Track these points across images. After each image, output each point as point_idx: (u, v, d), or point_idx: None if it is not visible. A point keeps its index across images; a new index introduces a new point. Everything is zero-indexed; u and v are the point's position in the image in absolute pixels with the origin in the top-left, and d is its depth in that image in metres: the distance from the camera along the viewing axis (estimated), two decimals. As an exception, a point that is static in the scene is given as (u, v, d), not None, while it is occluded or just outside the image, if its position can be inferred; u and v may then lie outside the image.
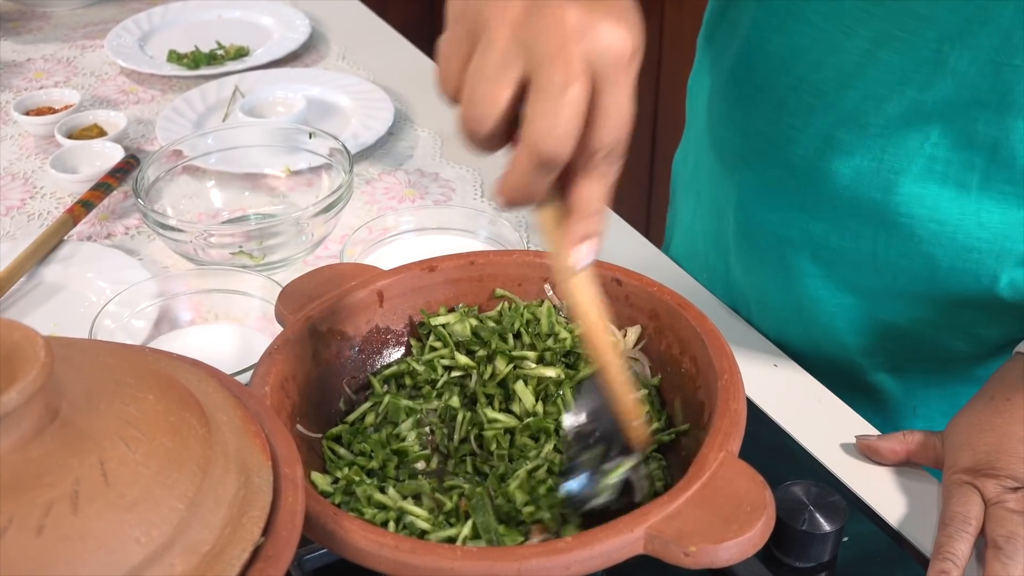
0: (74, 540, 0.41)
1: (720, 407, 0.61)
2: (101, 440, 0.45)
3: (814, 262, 0.89)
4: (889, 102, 0.78)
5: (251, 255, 0.98)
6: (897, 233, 0.83)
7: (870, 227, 0.84)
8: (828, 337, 0.92)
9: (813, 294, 0.90)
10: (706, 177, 1.01)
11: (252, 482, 0.48)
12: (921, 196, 0.80)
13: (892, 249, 0.84)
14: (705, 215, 1.03)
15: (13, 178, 1.19)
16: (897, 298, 0.87)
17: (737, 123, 0.91)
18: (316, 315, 0.71)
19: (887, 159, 0.80)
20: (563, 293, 0.62)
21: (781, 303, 0.94)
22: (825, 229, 0.87)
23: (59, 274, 1.00)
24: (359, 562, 0.54)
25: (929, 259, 0.83)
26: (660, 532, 0.53)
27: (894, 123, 0.79)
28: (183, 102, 1.29)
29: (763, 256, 0.93)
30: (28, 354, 0.44)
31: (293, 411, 0.66)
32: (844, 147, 0.82)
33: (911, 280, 0.85)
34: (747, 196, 0.92)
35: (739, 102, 0.90)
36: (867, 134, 0.80)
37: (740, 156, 0.91)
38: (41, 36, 1.53)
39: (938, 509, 0.73)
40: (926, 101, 0.76)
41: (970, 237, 0.81)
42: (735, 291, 1.00)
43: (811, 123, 0.83)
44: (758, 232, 0.92)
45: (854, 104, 0.80)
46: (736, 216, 0.94)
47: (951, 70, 0.74)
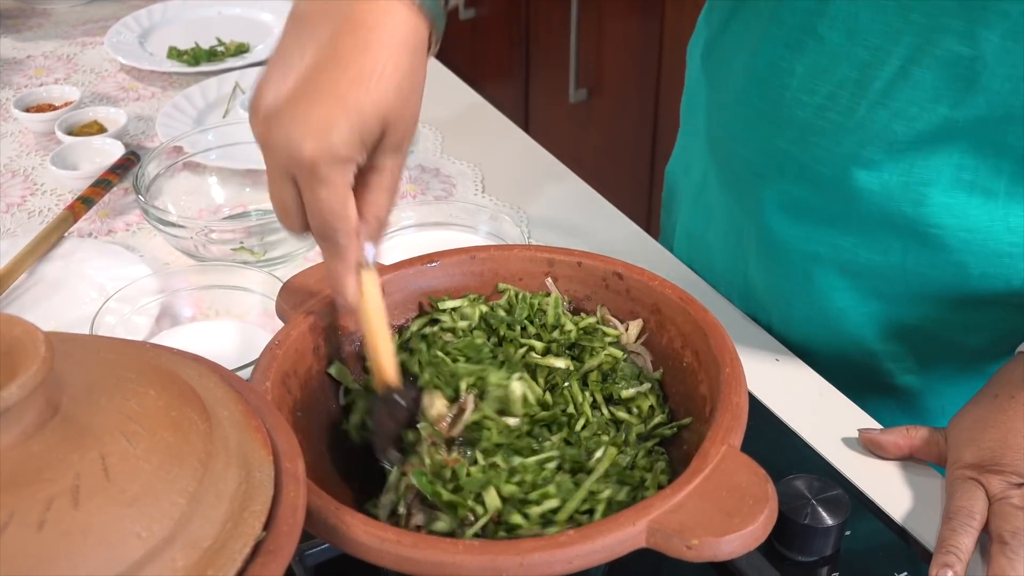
0: (75, 535, 0.41)
1: (722, 401, 0.61)
2: (102, 435, 0.45)
3: (842, 275, 0.88)
4: (920, 120, 0.76)
5: (252, 251, 0.98)
6: (928, 244, 0.82)
7: (900, 240, 0.83)
8: (855, 345, 0.91)
9: (840, 305, 0.89)
10: (718, 193, 0.98)
11: (253, 477, 0.48)
12: (950, 206, 0.79)
13: (922, 260, 0.83)
14: (721, 231, 1.00)
15: (13, 175, 1.18)
16: (923, 302, 0.86)
17: (754, 142, 0.88)
18: (317, 311, 0.70)
19: (916, 172, 0.79)
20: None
21: (806, 315, 0.92)
22: (853, 243, 0.85)
23: (60, 271, 1.00)
24: (361, 557, 0.54)
25: (960, 267, 0.82)
26: (662, 525, 0.53)
27: (925, 139, 0.77)
28: (183, 98, 1.29)
29: (787, 271, 0.91)
30: (29, 349, 0.44)
31: (294, 406, 0.66)
32: (873, 165, 0.80)
33: (940, 287, 0.84)
34: (770, 213, 0.89)
35: (756, 121, 0.87)
36: (896, 151, 0.79)
37: (759, 174, 0.89)
38: (41, 33, 1.53)
39: (941, 503, 0.73)
40: (958, 119, 0.75)
41: (1000, 242, 0.80)
42: (755, 303, 0.98)
43: (839, 142, 0.81)
44: (782, 248, 0.90)
45: (883, 123, 0.78)
46: (759, 233, 0.92)
47: (983, 87, 0.73)
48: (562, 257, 0.75)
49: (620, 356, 0.71)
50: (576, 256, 0.75)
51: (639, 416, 0.69)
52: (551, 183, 1.16)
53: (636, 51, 2.26)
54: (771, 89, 0.84)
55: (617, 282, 0.74)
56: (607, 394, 0.70)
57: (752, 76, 0.86)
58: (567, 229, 1.08)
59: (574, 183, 1.17)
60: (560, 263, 0.75)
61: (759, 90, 0.86)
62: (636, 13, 2.23)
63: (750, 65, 0.86)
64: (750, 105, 0.87)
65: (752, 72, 0.86)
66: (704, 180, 1.02)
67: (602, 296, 0.75)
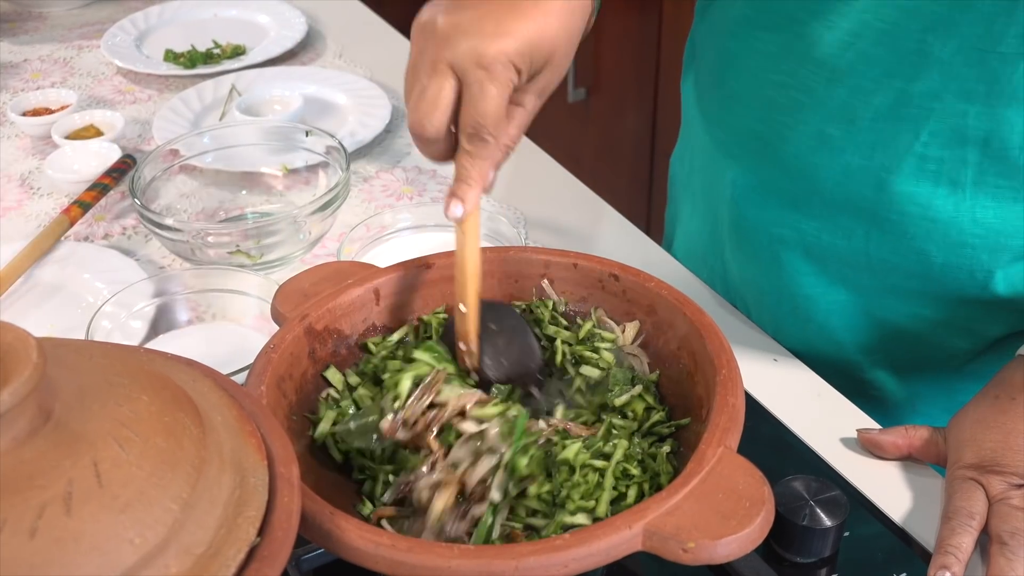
0: (68, 542, 0.41)
1: (718, 402, 0.61)
2: (94, 441, 0.44)
3: (807, 259, 0.89)
4: (876, 95, 0.78)
5: (248, 254, 0.98)
6: (889, 230, 0.83)
7: (862, 224, 0.84)
8: (824, 335, 0.92)
9: (807, 292, 0.90)
10: (700, 176, 1.01)
11: (247, 482, 0.48)
12: (913, 195, 0.80)
13: (884, 246, 0.84)
14: (701, 214, 1.02)
15: (10, 179, 1.18)
16: (891, 295, 0.87)
17: (727, 122, 0.91)
18: (313, 314, 0.70)
19: (877, 156, 0.80)
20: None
21: (776, 301, 0.93)
22: (817, 227, 0.86)
23: (56, 275, 1.00)
24: (356, 561, 0.54)
25: (922, 255, 0.82)
26: (658, 528, 0.53)
27: (883, 116, 0.78)
28: (180, 101, 1.29)
29: (757, 254, 0.93)
30: (20, 355, 0.44)
31: (289, 410, 0.66)
32: (834, 144, 0.81)
33: (905, 277, 0.84)
34: (740, 194, 0.91)
35: (729, 101, 0.90)
36: (857, 129, 0.80)
37: (731, 155, 0.91)
38: (37, 36, 1.53)
39: (940, 504, 0.73)
40: (913, 93, 0.76)
41: (963, 233, 0.80)
42: (732, 289, 0.99)
43: (801, 120, 0.82)
44: (751, 230, 0.92)
45: (842, 99, 0.79)
46: (730, 214, 0.94)
47: (936, 60, 0.74)
48: (558, 259, 0.75)
49: (611, 362, 0.71)
50: (572, 257, 0.75)
51: (634, 419, 0.69)
52: (549, 184, 1.16)
53: (634, 50, 2.26)
54: (743, 69, 0.87)
55: (613, 283, 0.74)
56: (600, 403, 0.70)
57: (726, 57, 0.89)
58: (565, 230, 1.08)
59: (572, 184, 1.16)
60: (556, 265, 0.75)
61: (733, 71, 0.88)
62: (634, 11, 2.23)
63: (724, 47, 0.89)
64: (725, 86, 0.90)
65: (726, 53, 0.89)
66: (692, 166, 1.04)
67: (598, 298, 0.75)
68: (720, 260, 1.00)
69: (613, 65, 2.34)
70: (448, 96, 0.65)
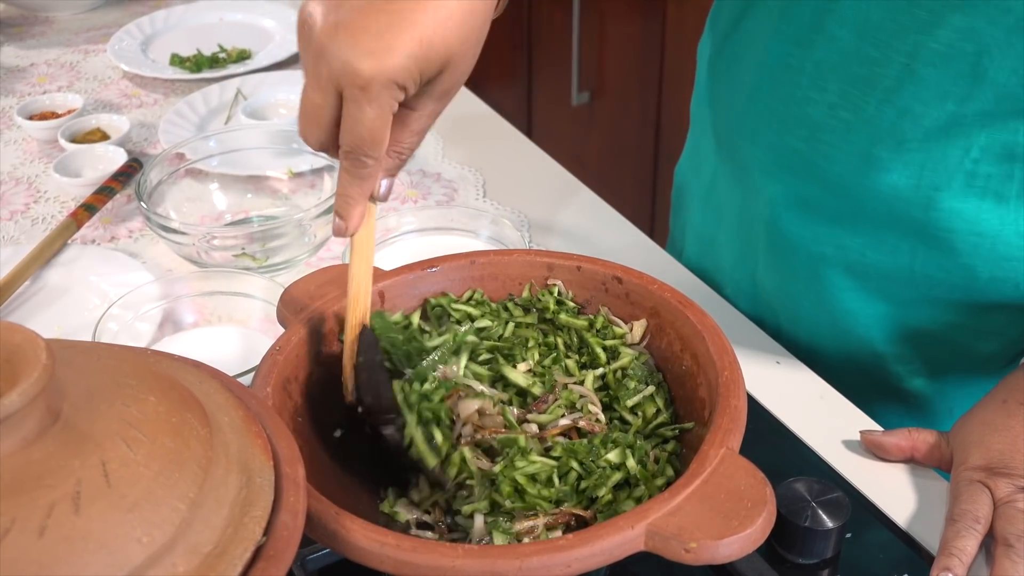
0: (76, 541, 0.41)
1: (721, 404, 0.61)
2: (102, 441, 0.45)
3: (848, 276, 0.88)
4: (927, 117, 0.77)
5: (254, 257, 0.98)
6: (936, 247, 0.82)
7: (907, 241, 0.83)
8: (862, 347, 0.91)
9: (847, 306, 0.89)
10: (727, 192, 0.99)
11: (254, 482, 0.48)
12: (961, 211, 0.79)
13: (930, 263, 0.83)
14: (731, 230, 1.00)
15: (17, 182, 1.19)
16: (932, 305, 0.86)
17: (764, 140, 0.88)
18: (318, 316, 0.71)
19: (926, 175, 0.79)
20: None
21: (814, 316, 0.92)
22: (861, 244, 0.85)
23: (63, 277, 1.00)
24: (361, 561, 0.54)
25: (968, 271, 0.82)
26: (661, 528, 0.53)
27: (933, 138, 0.77)
28: (185, 105, 1.30)
29: (795, 271, 0.91)
30: (29, 356, 0.44)
31: (295, 412, 0.67)
32: (882, 164, 0.80)
33: (948, 290, 0.84)
34: (779, 212, 0.90)
35: (767, 118, 0.87)
36: (905, 150, 0.79)
37: (768, 172, 0.89)
38: (44, 41, 1.54)
39: (943, 506, 0.73)
40: (966, 115, 0.75)
41: (1009, 246, 0.80)
42: (762, 304, 0.98)
43: (848, 140, 0.81)
44: (790, 247, 0.91)
45: (891, 120, 0.78)
46: (768, 232, 0.92)
47: (991, 82, 0.73)
48: (561, 261, 0.76)
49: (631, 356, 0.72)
50: (575, 260, 0.76)
51: (644, 420, 0.69)
52: (552, 187, 1.16)
53: (638, 53, 2.27)
54: (782, 87, 0.84)
55: (616, 286, 0.74)
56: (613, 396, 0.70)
57: (763, 74, 0.87)
58: (569, 233, 1.08)
59: (576, 187, 1.17)
60: (560, 267, 0.76)
61: (770, 88, 0.86)
62: (638, 15, 2.23)
63: (761, 63, 0.87)
64: (761, 103, 0.87)
65: (763, 70, 0.87)
66: (714, 180, 1.02)
67: (602, 300, 0.75)
68: (750, 277, 0.98)
69: (617, 69, 2.34)
70: (328, 113, 0.61)
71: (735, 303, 0.99)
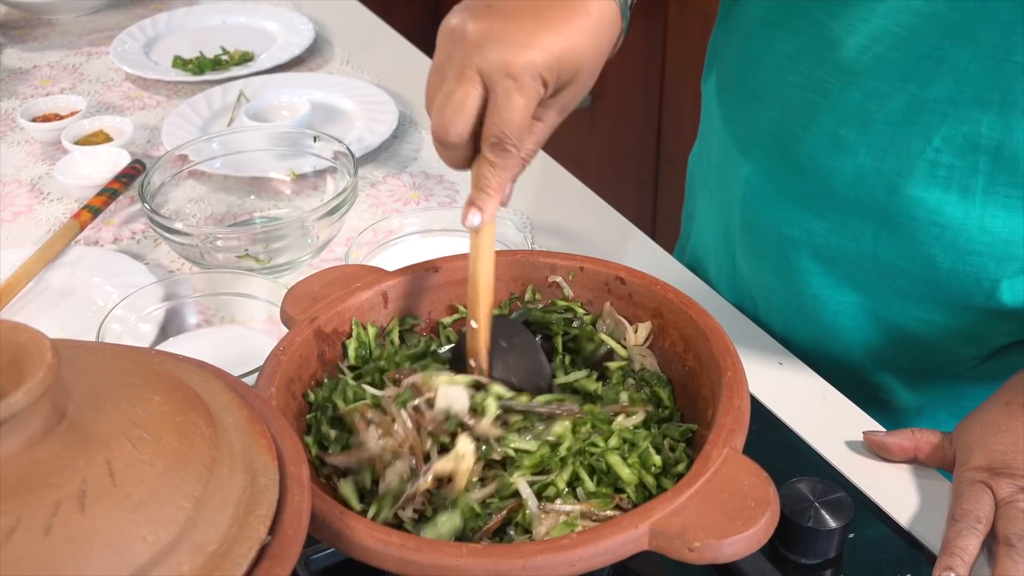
0: (81, 539, 0.41)
1: (723, 404, 0.61)
2: (108, 440, 0.45)
3: (816, 260, 0.89)
4: (891, 99, 0.78)
5: (257, 258, 0.99)
6: (898, 234, 0.83)
7: (871, 227, 0.84)
8: (831, 335, 0.92)
9: (815, 292, 0.90)
10: (716, 173, 1.01)
11: (258, 481, 0.48)
12: (923, 200, 0.80)
13: (892, 249, 0.84)
14: (716, 211, 1.03)
15: (20, 184, 1.19)
16: (899, 298, 0.87)
17: (745, 121, 0.91)
18: (321, 317, 0.71)
19: (889, 160, 0.80)
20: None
21: (785, 300, 0.94)
22: (827, 228, 0.87)
23: (66, 279, 1.00)
24: (365, 560, 0.54)
25: (929, 260, 0.83)
26: (664, 528, 0.53)
27: (897, 120, 0.78)
28: (188, 107, 1.30)
29: (767, 253, 0.93)
30: (35, 356, 0.44)
31: (299, 411, 0.67)
32: (848, 146, 0.82)
33: (912, 282, 0.85)
34: (752, 192, 0.92)
35: (747, 99, 0.90)
36: (870, 132, 0.80)
37: (747, 153, 0.92)
38: (47, 43, 1.54)
39: (945, 506, 0.73)
40: (927, 98, 0.76)
41: (971, 241, 0.80)
42: (741, 288, 1.00)
43: (817, 121, 0.83)
44: (762, 229, 0.92)
45: (857, 102, 0.80)
46: (742, 212, 0.94)
47: (951, 67, 0.74)
48: (564, 262, 0.76)
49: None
50: (578, 261, 0.76)
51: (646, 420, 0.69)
52: (554, 188, 1.17)
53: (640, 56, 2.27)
54: (761, 68, 0.87)
55: (619, 286, 0.74)
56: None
57: (747, 57, 0.89)
58: (571, 234, 1.08)
59: (578, 188, 1.17)
60: (562, 268, 0.76)
61: (752, 71, 0.88)
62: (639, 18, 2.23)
63: (746, 47, 0.89)
64: (745, 86, 0.90)
65: (746, 53, 0.89)
66: (709, 163, 1.04)
67: (605, 301, 0.75)
68: (730, 258, 1.00)
69: (619, 71, 2.34)
70: (474, 103, 0.64)
71: (717, 287, 1.01)
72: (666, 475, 0.63)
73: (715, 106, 0.99)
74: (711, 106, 1.01)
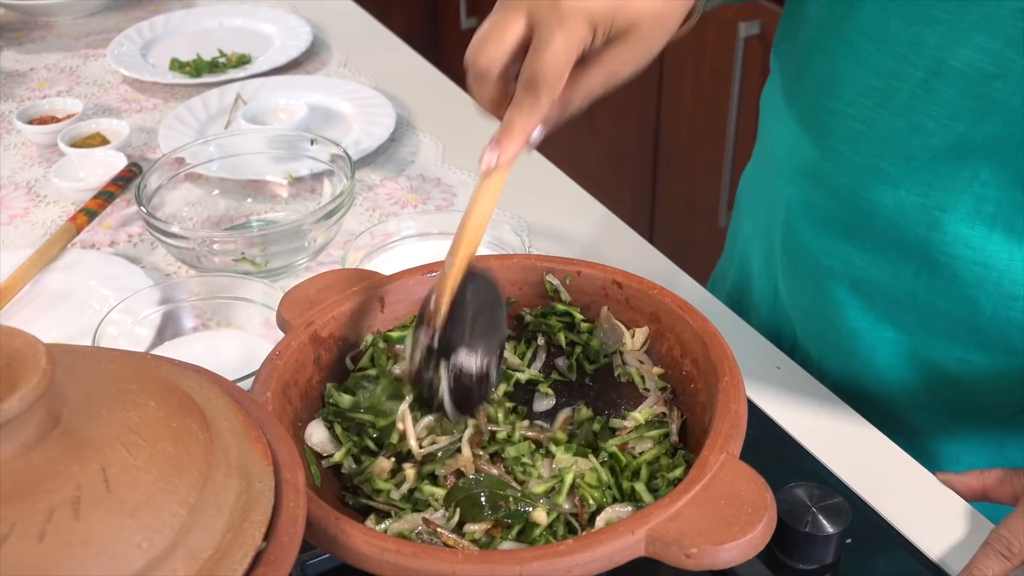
0: (76, 546, 0.41)
1: (720, 409, 0.61)
2: (102, 446, 0.45)
3: (854, 293, 0.86)
4: (937, 136, 0.75)
5: (253, 262, 0.98)
6: (939, 273, 0.79)
7: (911, 263, 0.81)
8: (868, 371, 0.88)
9: (853, 326, 0.87)
10: (764, 196, 0.97)
11: (254, 487, 0.48)
12: (967, 237, 0.76)
13: (932, 289, 0.80)
14: (761, 233, 0.99)
15: (16, 187, 1.19)
16: (940, 337, 0.83)
17: (787, 144, 0.88)
18: (318, 321, 0.71)
19: (933, 194, 0.77)
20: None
21: (821, 331, 0.91)
22: (866, 261, 0.84)
23: (62, 282, 1.00)
24: (361, 566, 0.54)
25: (971, 303, 0.79)
26: (661, 534, 0.53)
27: (942, 157, 0.75)
28: (185, 110, 1.30)
29: (805, 282, 0.90)
30: (29, 361, 0.44)
31: (295, 416, 0.67)
32: (889, 178, 0.78)
33: (952, 323, 0.81)
34: (793, 218, 0.89)
35: (791, 123, 0.86)
36: (913, 167, 0.77)
37: (787, 177, 0.88)
38: (44, 45, 1.54)
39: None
40: (975, 137, 0.73)
41: (1016, 284, 0.77)
42: (782, 314, 0.97)
43: (858, 151, 0.79)
44: (801, 257, 0.89)
45: (902, 136, 0.76)
46: (783, 237, 0.91)
47: (1002, 106, 0.71)
48: (561, 266, 0.76)
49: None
50: (575, 265, 0.76)
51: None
52: (552, 192, 1.17)
53: (637, 60, 2.27)
54: (804, 92, 0.84)
55: (616, 291, 0.74)
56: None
57: (792, 78, 0.86)
58: (568, 238, 1.08)
59: (575, 192, 1.17)
60: (559, 272, 0.76)
61: (796, 92, 0.85)
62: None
63: (792, 67, 0.86)
64: (790, 107, 0.86)
65: (792, 73, 0.86)
66: (758, 185, 1.01)
67: (602, 305, 0.75)
68: (772, 282, 0.97)
69: (616, 74, 2.34)
70: (513, 33, 0.63)
71: (760, 310, 0.98)
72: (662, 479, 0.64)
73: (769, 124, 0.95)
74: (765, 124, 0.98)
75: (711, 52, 2.05)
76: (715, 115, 2.09)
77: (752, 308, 1.00)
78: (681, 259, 1.07)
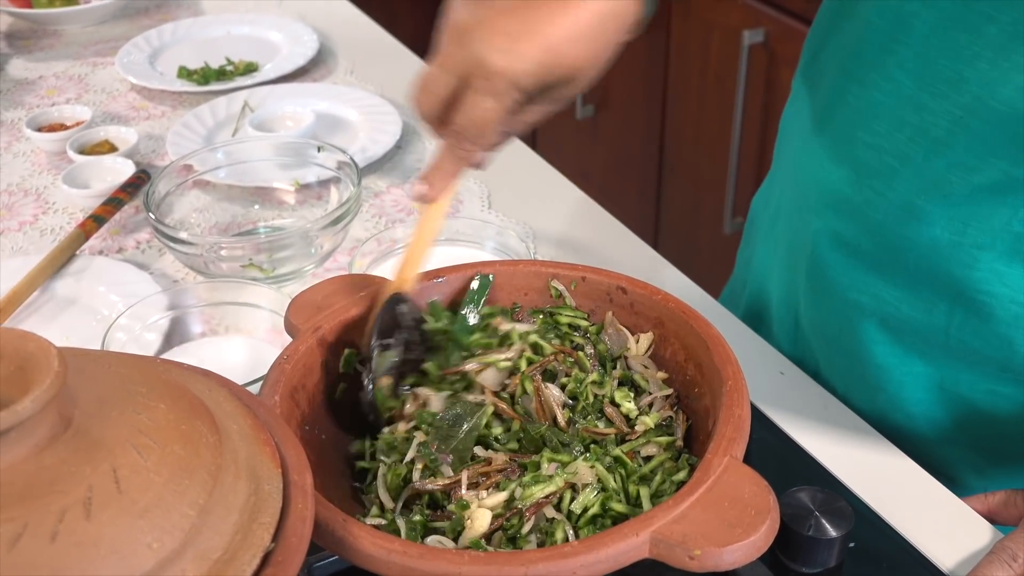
0: (87, 546, 0.42)
1: (724, 413, 0.62)
2: (113, 448, 0.45)
3: (883, 329, 0.84)
4: (978, 173, 0.72)
5: (261, 268, 0.99)
6: (974, 311, 0.77)
7: (945, 301, 0.78)
8: (894, 406, 0.86)
9: (880, 361, 0.85)
10: (785, 226, 0.95)
11: (262, 489, 0.49)
12: (1004, 275, 0.74)
13: (966, 328, 0.78)
14: (782, 263, 0.96)
15: (26, 194, 1.20)
16: (970, 374, 0.81)
17: (815, 174, 0.85)
18: (325, 326, 0.71)
19: (971, 232, 0.74)
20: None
21: (847, 365, 0.88)
22: (897, 297, 0.81)
23: (71, 288, 1.01)
24: (368, 568, 0.55)
25: (1006, 343, 0.77)
26: (665, 536, 0.54)
27: (981, 195, 0.73)
28: (193, 117, 1.31)
29: (831, 317, 0.88)
30: (42, 364, 0.45)
31: (302, 420, 0.67)
32: (925, 216, 0.76)
33: (985, 363, 0.79)
34: (821, 251, 0.86)
35: (819, 153, 0.84)
36: (951, 204, 0.74)
37: (814, 209, 0.86)
38: (52, 54, 1.55)
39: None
40: (1017, 176, 0.71)
41: None
42: (803, 345, 0.94)
43: (893, 187, 0.77)
44: (828, 289, 0.87)
45: (939, 173, 0.74)
46: (808, 269, 0.89)
47: None
48: (566, 272, 0.76)
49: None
50: (580, 271, 0.76)
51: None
52: (557, 199, 1.17)
53: (642, 66, 2.28)
54: (837, 124, 0.81)
55: (621, 296, 0.75)
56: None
57: (823, 108, 0.84)
58: (573, 244, 1.09)
59: (580, 199, 1.17)
60: (564, 278, 0.76)
61: (827, 123, 0.83)
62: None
63: (824, 97, 0.84)
64: (819, 137, 0.84)
65: (824, 104, 0.84)
66: (777, 212, 0.98)
67: (607, 310, 0.76)
68: (793, 314, 0.95)
69: (621, 82, 2.35)
70: (445, 89, 0.65)
71: (779, 340, 0.97)
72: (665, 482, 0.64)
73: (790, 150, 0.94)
74: (786, 149, 0.96)
75: (715, 60, 2.05)
76: (720, 122, 2.09)
77: (770, 337, 0.97)
78: (686, 265, 1.08)
